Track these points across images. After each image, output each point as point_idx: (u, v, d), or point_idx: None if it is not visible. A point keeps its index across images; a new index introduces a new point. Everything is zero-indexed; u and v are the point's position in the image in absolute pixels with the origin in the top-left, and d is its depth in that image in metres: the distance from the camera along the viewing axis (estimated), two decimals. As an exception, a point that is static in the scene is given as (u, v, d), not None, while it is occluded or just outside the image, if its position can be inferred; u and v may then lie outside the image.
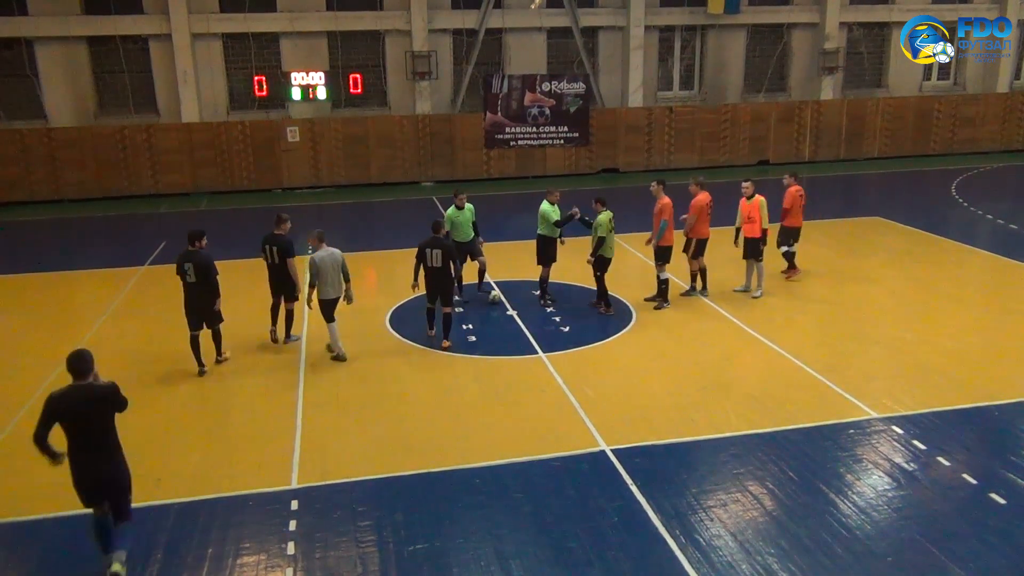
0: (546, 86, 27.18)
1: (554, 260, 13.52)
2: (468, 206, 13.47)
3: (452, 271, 11.74)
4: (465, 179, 27.01)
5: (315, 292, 11.41)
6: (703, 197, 13.53)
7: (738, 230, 14.04)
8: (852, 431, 9.17)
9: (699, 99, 29.80)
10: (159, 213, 23.27)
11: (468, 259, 13.63)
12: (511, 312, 13.37)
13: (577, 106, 27.53)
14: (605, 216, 12.78)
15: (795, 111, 29.44)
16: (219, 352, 11.46)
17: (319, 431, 9.40)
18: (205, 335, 11.29)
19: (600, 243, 12.72)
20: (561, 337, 12.36)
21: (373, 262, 17.38)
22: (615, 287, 14.47)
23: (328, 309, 11.47)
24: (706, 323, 12.80)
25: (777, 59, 29.98)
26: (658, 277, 13.44)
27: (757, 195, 13.88)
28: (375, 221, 21.94)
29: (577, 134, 27.79)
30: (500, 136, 27.27)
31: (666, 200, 13.14)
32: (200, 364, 11.10)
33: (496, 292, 13.85)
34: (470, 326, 12.76)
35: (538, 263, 13.54)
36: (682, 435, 9.13)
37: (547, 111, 27.35)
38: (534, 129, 27.42)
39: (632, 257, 16.89)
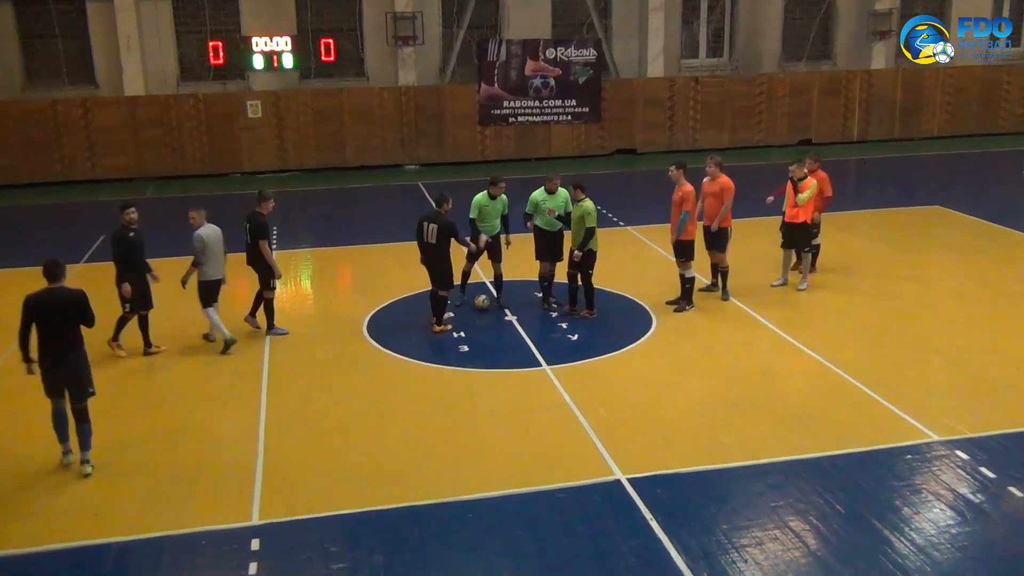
0: (551, 53, 27.20)
1: (557, 257, 13.47)
2: (502, 197, 13.51)
3: (447, 254, 12.27)
4: (456, 161, 27.03)
5: (195, 273, 12.09)
6: (718, 184, 13.41)
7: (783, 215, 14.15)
8: (909, 456, 9.14)
9: (730, 68, 29.81)
10: (98, 202, 23.27)
11: (487, 255, 13.61)
12: (510, 317, 13.36)
13: (587, 76, 27.55)
14: (591, 204, 12.73)
15: (842, 82, 29.47)
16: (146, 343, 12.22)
17: (284, 457, 9.36)
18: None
19: (590, 235, 12.69)
20: (568, 346, 12.32)
21: (349, 259, 17.36)
22: (631, 287, 14.45)
23: (212, 292, 12.15)
24: (738, 329, 12.78)
25: (821, 21, 30.00)
26: (682, 276, 13.43)
27: (809, 177, 13.98)
28: (351, 211, 21.92)
29: (587, 109, 27.81)
30: (497, 111, 27.28)
31: (687, 187, 13.11)
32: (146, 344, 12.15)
33: (484, 297, 13.78)
34: (462, 334, 12.75)
35: (536, 258, 13.55)
36: (710, 461, 9.10)
37: (552, 82, 27.37)
38: (537, 103, 27.44)
39: (650, 252, 16.89)
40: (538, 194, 13.37)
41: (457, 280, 13.33)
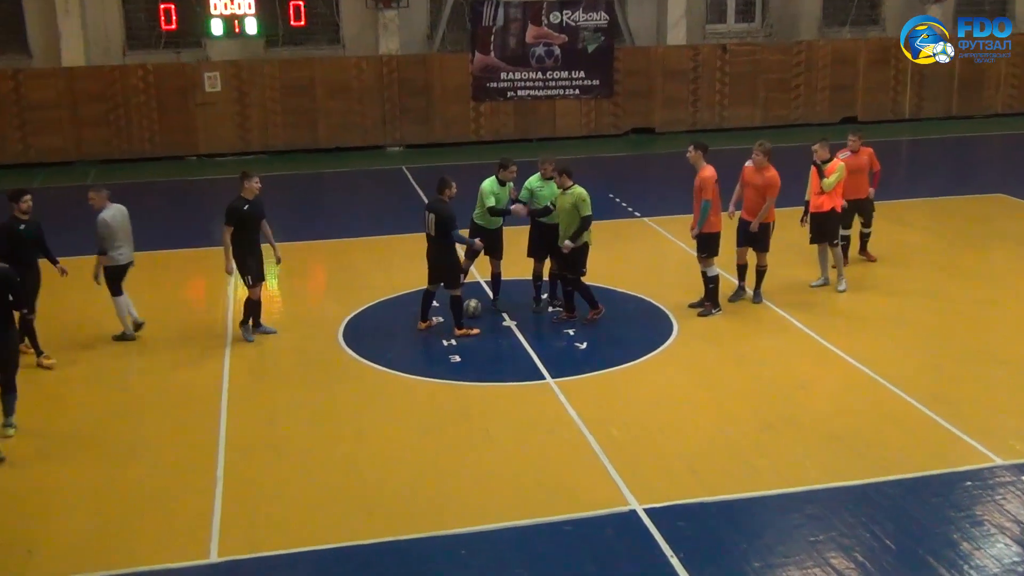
0: (556, 17, 27.22)
1: (543, 253, 13.47)
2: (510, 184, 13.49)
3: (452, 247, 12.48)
4: (446, 142, 27.04)
5: (101, 262, 12.51)
6: (762, 176, 13.40)
7: (807, 204, 14.15)
8: (969, 483, 9.15)
9: (763, 34, 29.83)
10: (31, 189, 23.21)
11: (484, 251, 13.49)
12: (508, 323, 13.38)
13: (598, 44, 27.56)
14: (582, 190, 12.72)
15: (891, 51, 29.40)
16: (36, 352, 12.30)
17: (247, 483, 9.36)
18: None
19: (586, 224, 12.67)
20: (577, 356, 12.34)
21: (322, 255, 17.37)
22: (648, 287, 14.46)
23: (120, 278, 12.65)
24: (771, 336, 12.80)
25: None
26: (704, 275, 13.45)
27: (836, 159, 13.99)
28: (324, 200, 21.93)
29: (597, 82, 27.83)
30: (493, 84, 27.29)
31: (707, 171, 13.11)
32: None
33: (475, 303, 13.66)
34: (453, 342, 12.76)
35: (529, 255, 13.60)
36: (740, 489, 9.11)
37: (557, 51, 27.38)
38: (539, 75, 27.45)
39: (670, 246, 16.91)
40: (533, 180, 13.39)
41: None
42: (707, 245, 13.30)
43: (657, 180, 24.18)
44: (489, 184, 13.33)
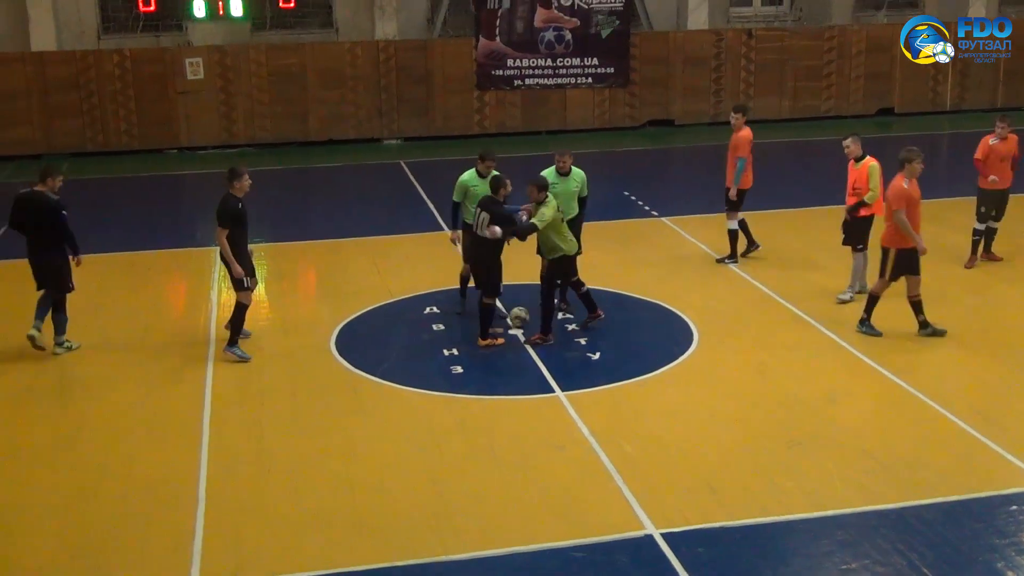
0: (567, 0, 27.24)
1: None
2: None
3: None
4: (447, 135, 27.08)
5: None
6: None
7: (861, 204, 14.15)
8: (1015, 507, 9.13)
9: (791, 19, 29.84)
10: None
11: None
12: (514, 331, 13.38)
13: (612, 29, 27.59)
14: (552, 207, 12.50)
15: (931, 37, 29.45)
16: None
17: (231, 504, 9.37)
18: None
19: (524, 227, 12.50)
20: (588, 367, 12.34)
21: (313, 257, 17.39)
22: (666, 292, 14.46)
23: None
24: (800, 346, 12.79)
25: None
26: (729, 230, 15.61)
27: (868, 157, 13.98)
28: (316, 197, 21.96)
29: (612, 70, 27.85)
30: (499, 72, 27.33)
31: (745, 132, 15.26)
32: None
33: (522, 310, 13.46)
34: (454, 351, 12.77)
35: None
36: (765, 513, 9.10)
37: (568, 36, 27.42)
38: (549, 62, 27.48)
39: (689, 248, 16.89)
40: (548, 174, 13.41)
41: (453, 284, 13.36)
42: (737, 202, 15.39)
43: (676, 176, 24.22)
44: (466, 176, 13.39)
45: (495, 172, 13.32)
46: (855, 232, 14.07)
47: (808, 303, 14.08)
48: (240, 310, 12.62)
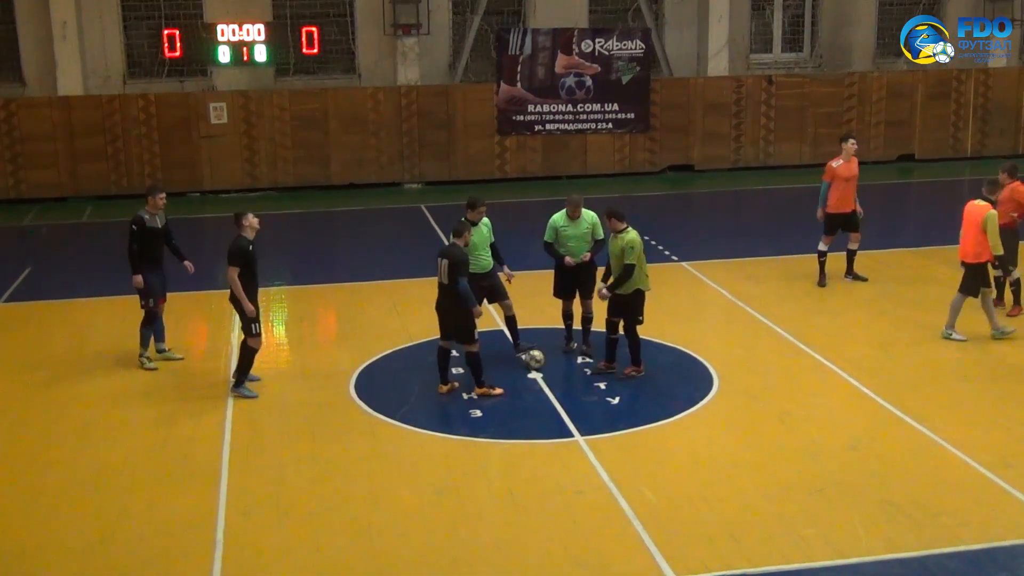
0: (588, 45, 27.44)
1: (586, 293, 13.62)
2: (485, 221, 13.62)
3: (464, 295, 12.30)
4: (468, 180, 27.16)
5: None
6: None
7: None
8: (1041, 557, 9.05)
9: (811, 65, 29.93)
10: (22, 226, 23.51)
11: (487, 300, 13.62)
12: (533, 375, 13.36)
13: (633, 75, 27.74)
14: (635, 235, 12.91)
15: (951, 84, 29.52)
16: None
17: (250, 548, 9.35)
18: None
19: (628, 273, 12.73)
20: (608, 412, 12.30)
21: (334, 300, 17.43)
22: (686, 337, 14.43)
23: None
24: (820, 393, 12.73)
25: (925, 7, 30.11)
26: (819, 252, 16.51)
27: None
28: (337, 241, 22.04)
29: (633, 115, 27.98)
30: (520, 117, 27.48)
31: (832, 161, 16.76)
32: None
33: (538, 355, 13.58)
34: (473, 396, 12.75)
35: (555, 295, 13.84)
36: (787, 560, 9.03)
37: (589, 82, 27.57)
38: (570, 108, 27.63)
39: (710, 293, 16.88)
40: (558, 218, 13.51)
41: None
42: (827, 226, 16.48)
43: (696, 221, 24.20)
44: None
45: (485, 218, 13.59)
46: (976, 277, 14.22)
47: (828, 349, 14.02)
48: (248, 352, 12.69)
